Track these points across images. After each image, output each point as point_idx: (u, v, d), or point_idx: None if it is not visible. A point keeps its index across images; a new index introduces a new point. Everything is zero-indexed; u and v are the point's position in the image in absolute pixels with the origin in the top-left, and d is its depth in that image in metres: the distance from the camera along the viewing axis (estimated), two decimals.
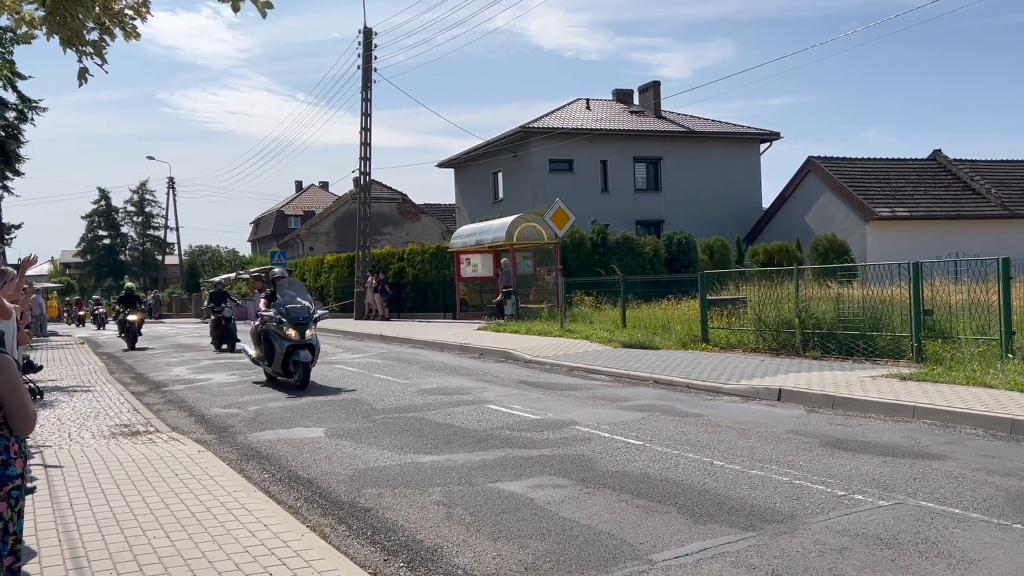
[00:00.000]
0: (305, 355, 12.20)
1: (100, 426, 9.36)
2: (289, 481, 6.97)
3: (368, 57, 32.38)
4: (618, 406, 10.18)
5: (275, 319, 12.38)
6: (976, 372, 10.27)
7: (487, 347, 17.43)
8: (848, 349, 13.12)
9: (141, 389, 13.56)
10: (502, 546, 5.08)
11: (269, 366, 12.76)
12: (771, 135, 38.89)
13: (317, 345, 12.62)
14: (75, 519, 5.54)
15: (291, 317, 12.22)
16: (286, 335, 12.20)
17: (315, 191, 73.62)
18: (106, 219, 79.17)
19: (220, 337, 20.81)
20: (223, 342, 20.70)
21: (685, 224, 32.14)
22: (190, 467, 7.11)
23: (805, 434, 8.19)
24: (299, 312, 12.34)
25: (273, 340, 12.45)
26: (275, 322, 12.38)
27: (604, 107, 39.64)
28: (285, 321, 12.21)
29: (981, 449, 7.36)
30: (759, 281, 15.68)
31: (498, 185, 38.36)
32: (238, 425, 9.74)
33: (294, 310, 12.33)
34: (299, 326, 12.19)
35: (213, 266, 71.78)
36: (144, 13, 6.43)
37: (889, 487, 6.13)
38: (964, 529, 5.11)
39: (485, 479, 6.73)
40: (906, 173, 34.68)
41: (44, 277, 70.11)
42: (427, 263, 31.43)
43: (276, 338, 12.38)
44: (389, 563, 4.91)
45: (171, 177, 62.41)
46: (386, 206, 50.80)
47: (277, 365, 12.42)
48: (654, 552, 4.88)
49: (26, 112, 33.01)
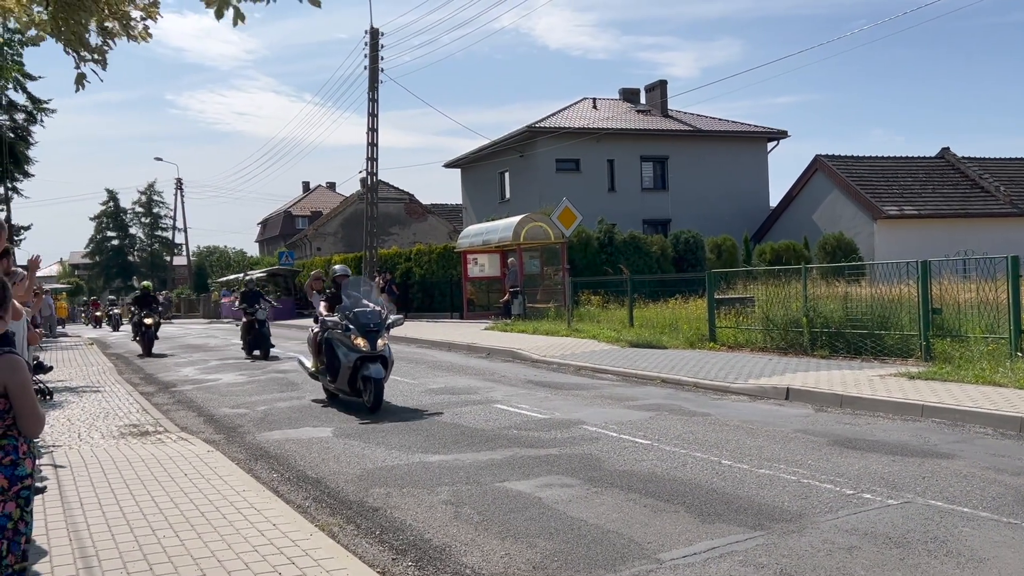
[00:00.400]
0: (377, 370, 10.12)
1: (109, 426, 9.39)
2: (298, 481, 6.99)
3: (375, 57, 32.43)
4: (626, 405, 10.18)
5: (340, 326, 10.44)
6: (985, 371, 10.23)
7: (494, 347, 17.44)
8: (856, 348, 13.08)
9: (150, 389, 13.61)
10: (510, 545, 5.09)
11: (332, 382, 10.72)
12: (778, 134, 38.80)
13: (390, 357, 10.53)
14: (85, 519, 5.57)
15: (359, 323, 10.28)
16: (353, 345, 10.22)
17: (322, 192, 73.78)
18: (114, 220, 79.52)
19: (253, 342, 18.62)
20: (256, 347, 18.56)
21: (692, 223, 32.10)
22: (199, 467, 7.13)
23: (813, 433, 8.17)
24: (369, 317, 10.38)
25: (337, 351, 10.49)
26: (340, 329, 10.44)
27: (611, 106, 39.60)
28: (352, 328, 10.28)
29: (990, 448, 7.33)
30: (767, 280, 15.65)
31: (505, 185, 38.36)
32: (247, 425, 9.77)
33: (363, 315, 10.39)
34: (369, 334, 10.20)
35: (221, 267, 71.87)
36: (154, 13, 6.45)
37: (898, 486, 6.11)
38: (973, 528, 5.09)
39: (493, 478, 6.74)
40: (914, 171, 34.56)
41: (53, 278, 70.46)
42: (434, 263, 31.47)
43: (341, 349, 10.43)
44: (398, 562, 4.92)
45: (179, 178, 62.73)
46: (393, 206, 50.87)
47: (342, 381, 10.42)
48: (662, 551, 4.88)
49: (35, 113, 33.19)
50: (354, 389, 10.37)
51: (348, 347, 10.30)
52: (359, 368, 10.20)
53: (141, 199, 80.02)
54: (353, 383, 10.33)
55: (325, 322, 10.81)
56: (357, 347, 10.18)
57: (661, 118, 38.62)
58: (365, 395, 10.15)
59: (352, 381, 10.32)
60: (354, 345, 10.20)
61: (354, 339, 10.21)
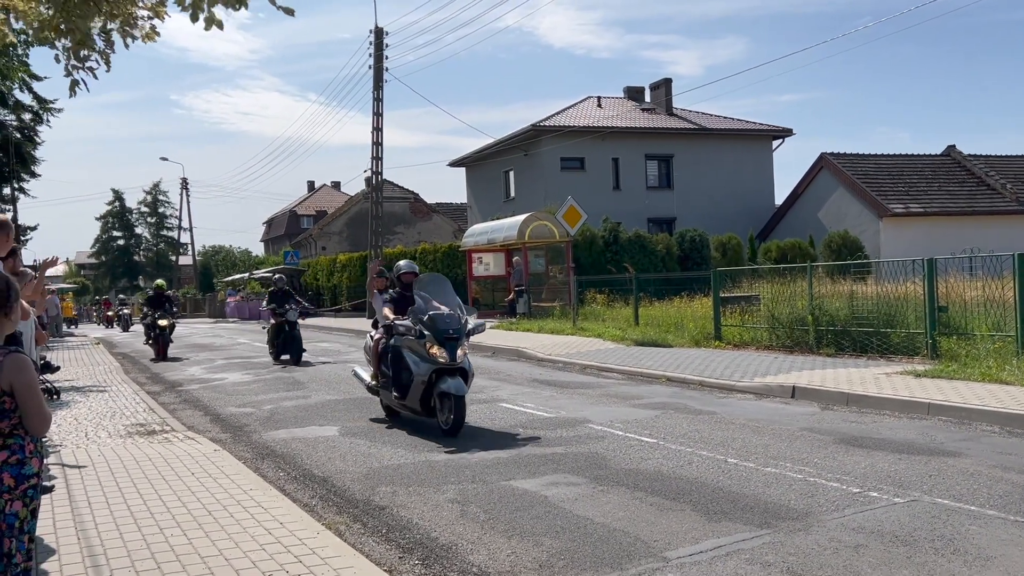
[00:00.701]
0: (457, 385, 8.50)
1: (116, 425, 9.42)
2: (304, 479, 7.00)
3: (379, 57, 32.47)
4: (631, 404, 10.18)
5: (413, 331, 8.81)
6: (992, 369, 10.21)
7: (499, 345, 17.45)
8: (862, 346, 13.06)
9: (156, 389, 13.65)
10: (516, 544, 5.09)
11: (399, 399, 9.09)
12: (783, 132, 38.76)
13: (471, 370, 8.96)
14: (93, 517, 5.59)
15: (436, 329, 8.66)
16: (428, 355, 8.64)
17: (327, 191, 73.88)
18: (120, 220, 79.79)
19: (282, 345, 16.77)
20: (286, 352, 16.72)
21: (697, 222, 32.07)
22: (206, 466, 7.15)
23: (819, 431, 8.16)
24: (447, 322, 8.75)
25: (408, 361, 8.88)
26: (413, 335, 8.83)
27: (615, 105, 39.57)
28: (428, 335, 8.66)
29: (997, 446, 7.32)
30: (772, 278, 15.64)
31: (510, 184, 38.37)
32: (253, 424, 9.80)
33: (441, 319, 8.76)
34: (448, 343, 8.61)
35: (226, 266, 72.14)
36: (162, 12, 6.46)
37: (904, 484, 6.11)
38: (980, 526, 5.09)
39: (499, 477, 6.75)
40: (920, 169, 34.46)
41: (59, 278, 70.54)
42: (439, 262, 31.50)
43: (413, 359, 8.83)
44: (404, 560, 4.93)
45: (184, 178, 62.77)
46: (398, 205, 50.92)
47: (413, 399, 8.84)
48: (668, 549, 4.88)
49: (41, 113, 33.29)
50: (427, 408, 8.78)
51: (421, 357, 8.74)
52: (433, 383, 8.65)
53: (147, 199, 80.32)
54: (426, 401, 8.76)
55: (395, 327, 9.01)
56: (433, 358, 8.61)
57: (666, 116, 38.60)
58: (441, 415, 8.61)
59: (425, 398, 8.75)
60: (429, 355, 8.63)
61: (429, 348, 8.62)
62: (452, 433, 8.42)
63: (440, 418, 8.64)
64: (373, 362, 9.82)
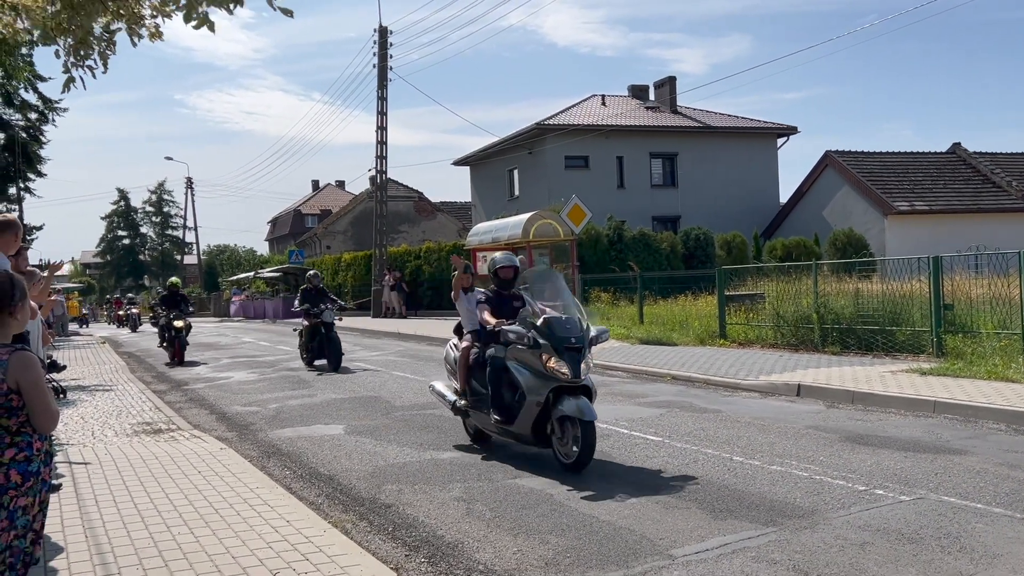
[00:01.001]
0: (584, 407, 6.69)
1: (123, 424, 9.45)
2: (310, 478, 7.02)
3: (384, 56, 32.47)
4: (636, 402, 10.18)
5: (526, 338, 7.04)
6: (998, 366, 10.20)
7: None
8: (867, 344, 13.05)
9: (162, 388, 13.68)
10: (522, 542, 5.10)
11: (504, 423, 7.22)
12: (788, 130, 38.67)
13: (594, 388, 7.16)
14: (100, 515, 5.61)
15: (556, 337, 6.90)
16: (546, 370, 6.87)
17: (332, 190, 73.97)
18: (125, 219, 79.99)
19: (318, 350, 15.23)
20: (321, 357, 15.19)
21: (702, 220, 32.02)
22: (212, 464, 7.17)
23: (825, 429, 8.16)
24: (569, 328, 7.00)
25: (516, 377, 7.16)
26: (525, 344, 7.04)
27: (620, 103, 39.53)
28: (544, 343, 6.91)
29: (1003, 444, 7.31)
30: (777, 276, 15.64)
31: (514, 182, 38.36)
32: (259, 423, 9.82)
33: (560, 324, 7.00)
34: (569, 353, 6.86)
35: (231, 266, 72.19)
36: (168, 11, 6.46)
37: (910, 482, 6.10)
38: (987, 524, 5.08)
39: (504, 475, 6.76)
40: (925, 167, 34.37)
41: (65, 278, 70.69)
42: (444, 261, 31.50)
43: (523, 373, 7.10)
44: (411, 558, 4.94)
45: (189, 177, 63.18)
46: (402, 204, 50.93)
47: (524, 424, 7.04)
48: (674, 547, 4.88)
49: (47, 113, 33.39)
50: (540, 435, 7.06)
51: (534, 372, 7.00)
52: (549, 404, 6.90)
53: (152, 198, 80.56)
54: (540, 426, 7.02)
55: (505, 334, 7.17)
56: (551, 373, 6.85)
57: (670, 115, 38.54)
58: (561, 445, 6.88)
59: (539, 423, 7.00)
60: (547, 370, 6.86)
61: (547, 360, 6.86)
62: (576, 468, 6.67)
63: (559, 449, 6.90)
64: (460, 377, 8.00)
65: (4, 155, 32.21)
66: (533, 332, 7.03)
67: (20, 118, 33.09)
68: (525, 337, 7.05)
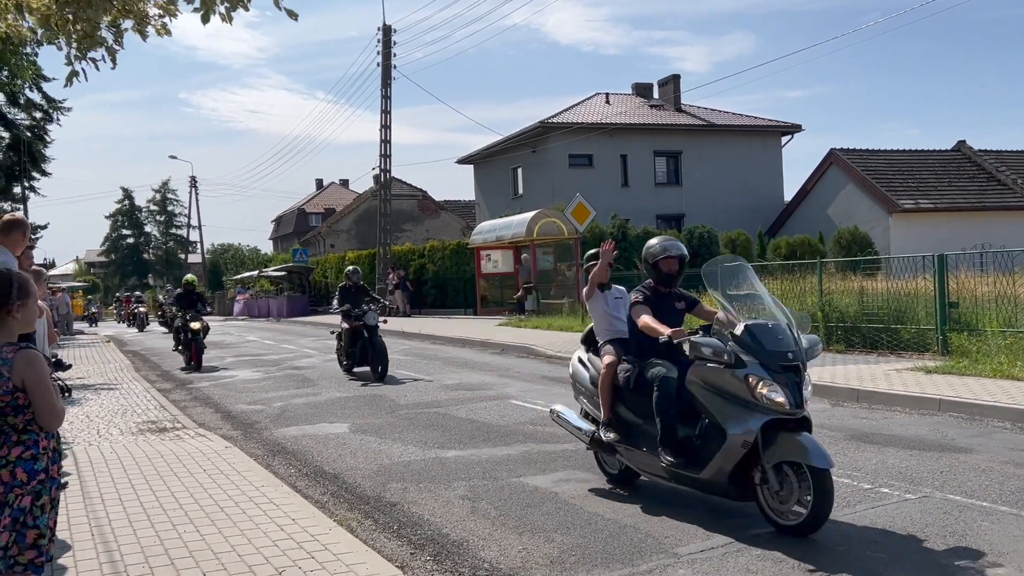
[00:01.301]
0: (813, 450, 4.95)
1: (128, 423, 9.48)
2: (315, 476, 7.03)
3: (388, 54, 32.50)
4: None
5: (724, 355, 5.28)
6: (1003, 365, 10.17)
7: (508, 343, 17.47)
8: (872, 342, 13.03)
9: (167, 386, 13.71)
10: (528, 540, 5.11)
11: (689, 469, 5.44)
12: (792, 128, 38.61)
13: (810, 420, 5.33)
14: (106, 513, 5.63)
15: (766, 352, 5.20)
16: (756, 397, 5.10)
17: (335, 189, 74.00)
18: (129, 218, 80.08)
19: (361, 355, 13.46)
20: (363, 364, 13.46)
21: (706, 218, 31.99)
22: (217, 463, 7.19)
23: (830, 428, 8.15)
24: (781, 340, 5.27)
25: (708, 408, 5.40)
26: (724, 362, 5.28)
27: (623, 101, 39.49)
28: (750, 361, 5.20)
29: (1009, 442, 7.29)
30: (782, 275, 15.61)
31: (518, 181, 38.35)
32: (264, 421, 9.84)
33: (768, 335, 5.29)
34: (788, 375, 5.17)
35: (235, 264, 72.33)
36: (174, 10, 6.47)
37: (916, 480, 6.10)
38: (992, 522, 5.07)
39: (509, 474, 6.76)
40: (930, 165, 34.29)
41: (69, 276, 70.93)
42: (448, 259, 31.55)
43: (718, 402, 5.33)
44: (416, 557, 4.94)
45: (193, 176, 63.28)
46: (406, 203, 50.99)
47: (721, 469, 5.23)
48: (680, 546, 4.88)
49: (51, 112, 33.47)
50: (740, 485, 5.25)
51: (733, 400, 5.24)
52: (758, 444, 5.07)
53: (156, 197, 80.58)
54: (739, 476, 5.23)
55: (697, 348, 5.41)
56: (761, 401, 5.10)
57: (674, 113, 38.50)
58: (778, 499, 5.07)
59: (743, 474, 5.22)
60: (755, 396, 5.11)
61: (755, 385, 5.12)
62: (803, 532, 4.92)
63: (771, 504, 5.10)
64: (603, 402, 6.15)
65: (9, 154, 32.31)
66: (731, 345, 5.29)
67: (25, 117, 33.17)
68: (724, 353, 5.26)
